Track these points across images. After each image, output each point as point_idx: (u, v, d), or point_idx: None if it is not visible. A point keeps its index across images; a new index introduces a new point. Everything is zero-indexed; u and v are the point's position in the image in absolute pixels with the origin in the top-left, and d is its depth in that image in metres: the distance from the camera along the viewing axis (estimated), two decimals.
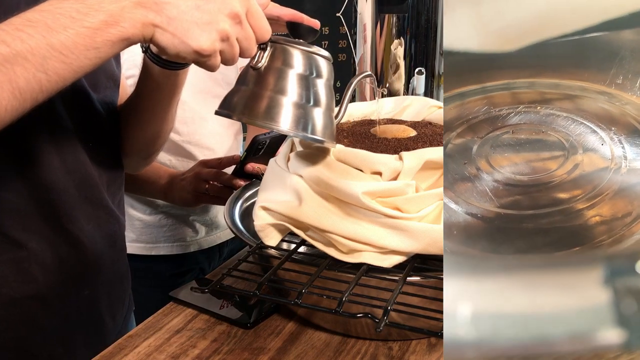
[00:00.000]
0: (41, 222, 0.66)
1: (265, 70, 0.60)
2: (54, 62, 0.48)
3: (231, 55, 0.56)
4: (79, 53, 0.48)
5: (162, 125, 0.80)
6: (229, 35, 0.54)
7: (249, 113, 0.60)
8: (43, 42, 0.47)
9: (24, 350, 0.68)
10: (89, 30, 0.49)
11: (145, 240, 1.17)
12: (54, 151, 0.66)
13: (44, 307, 0.68)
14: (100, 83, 0.73)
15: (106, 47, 0.50)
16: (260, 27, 0.57)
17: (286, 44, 0.61)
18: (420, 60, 1.13)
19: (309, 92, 0.61)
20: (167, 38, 0.52)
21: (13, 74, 0.46)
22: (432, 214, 0.63)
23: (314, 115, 0.61)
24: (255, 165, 1.04)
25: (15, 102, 0.47)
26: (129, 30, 0.50)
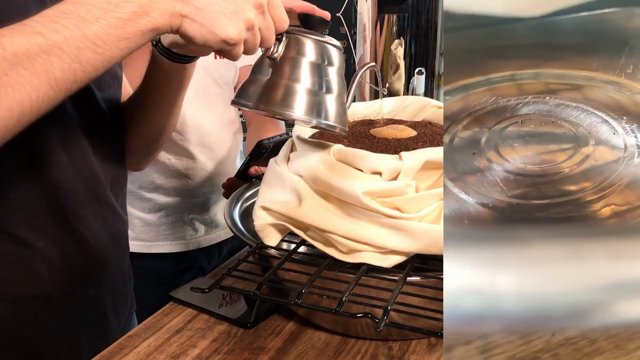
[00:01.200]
0: (49, 221, 0.66)
1: (280, 59, 0.62)
2: (88, 53, 0.48)
3: (253, 44, 0.58)
4: (111, 43, 0.49)
5: (168, 120, 0.81)
6: (254, 25, 0.56)
7: (266, 101, 0.61)
8: (77, 33, 0.48)
9: (30, 349, 0.68)
10: (120, 21, 0.50)
11: (145, 239, 1.17)
12: (62, 150, 0.66)
13: (50, 306, 0.68)
14: (105, 82, 0.73)
15: (136, 37, 0.51)
16: (279, 17, 0.59)
17: (300, 34, 0.63)
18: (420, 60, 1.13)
19: (322, 80, 0.62)
20: (195, 28, 0.54)
21: (50, 65, 0.47)
22: (432, 214, 0.63)
23: (327, 102, 0.63)
24: (258, 168, 1.04)
25: (51, 93, 0.48)
26: (158, 21, 0.51)
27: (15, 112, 0.46)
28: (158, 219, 1.17)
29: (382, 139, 0.73)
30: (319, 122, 0.62)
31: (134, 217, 1.16)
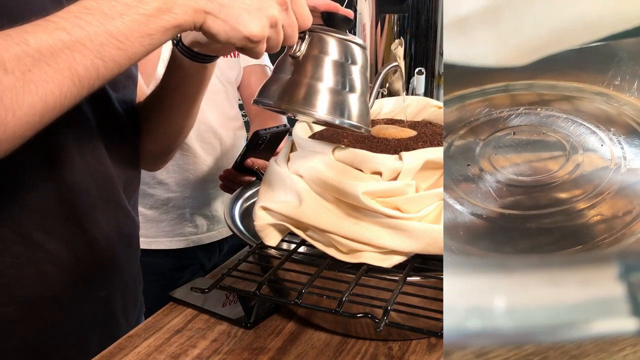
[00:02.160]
0: (61, 222, 0.65)
1: (303, 58, 0.61)
2: (111, 49, 0.48)
3: (276, 41, 0.57)
4: (134, 40, 0.49)
5: (186, 121, 0.80)
6: (277, 22, 0.56)
7: (288, 100, 0.61)
8: (101, 29, 0.47)
9: (39, 350, 0.68)
10: (143, 17, 0.49)
11: (145, 235, 1.17)
12: (77, 151, 0.66)
13: (60, 307, 0.68)
14: (120, 82, 0.73)
15: (159, 34, 0.51)
16: (303, 15, 0.59)
17: (323, 32, 0.62)
18: (420, 60, 1.13)
19: (345, 79, 0.62)
20: (218, 25, 0.53)
21: (73, 61, 0.47)
22: (432, 214, 0.63)
23: (350, 101, 0.62)
24: (255, 160, 1.04)
25: (74, 89, 0.47)
26: (181, 17, 0.51)
27: (38, 109, 0.46)
28: (159, 215, 1.17)
29: (382, 139, 0.73)
30: (342, 122, 0.61)
31: None
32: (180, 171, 1.17)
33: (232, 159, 1.23)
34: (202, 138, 1.17)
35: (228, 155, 1.23)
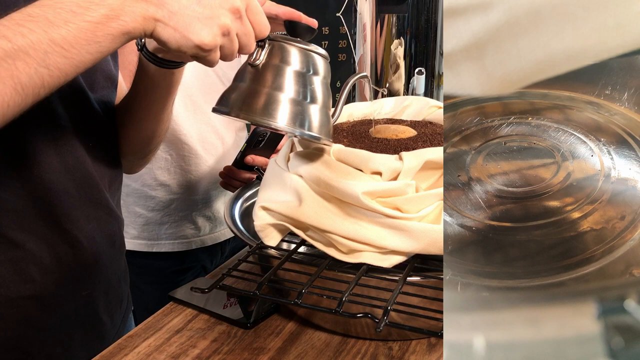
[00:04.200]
0: (39, 222, 0.65)
1: (263, 67, 0.61)
2: (56, 57, 0.47)
3: (230, 50, 0.56)
4: (80, 47, 0.48)
5: (158, 125, 0.80)
6: (230, 30, 0.55)
7: (246, 109, 0.60)
8: (44, 36, 0.47)
9: (22, 350, 0.68)
10: (90, 25, 0.49)
11: (147, 237, 1.17)
12: (53, 151, 0.66)
13: (42, 307, 0.68)
14: (98, 83, 0.73)
15: (107, 42, 0.50)
16: (259, 23, 0.58)
17: (284, 41, 0.61)
18: (420, 60, 1.13)
19: (305, 89, 0.61)
20: (168, 32, 0.53)
21: (15, 69, 0.46)
22: (432, 214, 0.63)
23: (310, 112, 0.61)
24: (255, 157, 1.04)
25: (17, 98, 0.47)
26: (130, 24, 0.50)
27: None
28: (161, 218, 1.17)
29: (382, 139, 0.73)
30: (302, 133, 0.60)
31: (136, 216, 1.16)
32: (182, 172, 1.17)
33: (232, 159, 1.23)
34: (204, 139, 1.17)
35: (230, 156, 1.23)
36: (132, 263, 0.89)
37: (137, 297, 0.92)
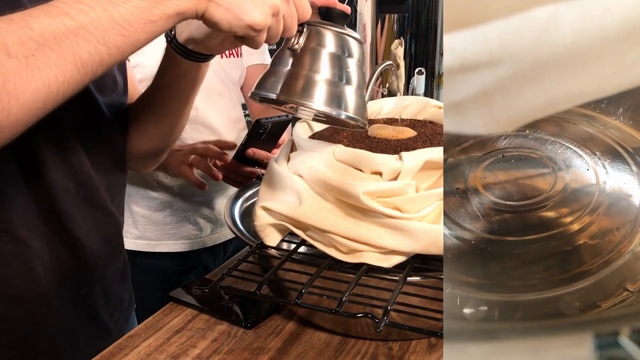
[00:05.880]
0: (42, 221, 0.66)
1: (301, 51, 0.62)
2: (114, 35, 0.48)
3: (276, 31, 0.58)
4: (137, 26, 0.49)
5: (178, 121, 0.80)
6: (279, 11, 0.56)
7: (286, 91, 0.61)
8: (104, 14, 0.47)
9: (29, 348, 0.68)
10: (146, 4, 0.49)
11: (150, 237, 1.17)
12: (57, 151, 0.66)
13: (47, 305, 0.68)
14: (107, 86, 0.73)
15: (162, 21, 0.51)
16: (303, 7, 0.59)
17: (320, 25, 0.63)
18: (420, 60, 1.13)
19: (342, 71, 0.63)
20: (220, 12, 0.53)
21: (76, 47, 0.46)
22: (432, 214, 0.63)
23: (347, 93, 0.62)
24: (256, 150, 1.04)
25: (77, 75, 0.47)
26: (184, 4, 0.51)
27: (41, 95, 0.45)
28: (163, 218, 1.17)
29: (382, 139, 0.73)
30: (339, 113, 0.62)
31: (139, 216, 1.16)
32: None
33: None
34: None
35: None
36: (134, 263, 0.89)
37: (140, 297, 0.92)
